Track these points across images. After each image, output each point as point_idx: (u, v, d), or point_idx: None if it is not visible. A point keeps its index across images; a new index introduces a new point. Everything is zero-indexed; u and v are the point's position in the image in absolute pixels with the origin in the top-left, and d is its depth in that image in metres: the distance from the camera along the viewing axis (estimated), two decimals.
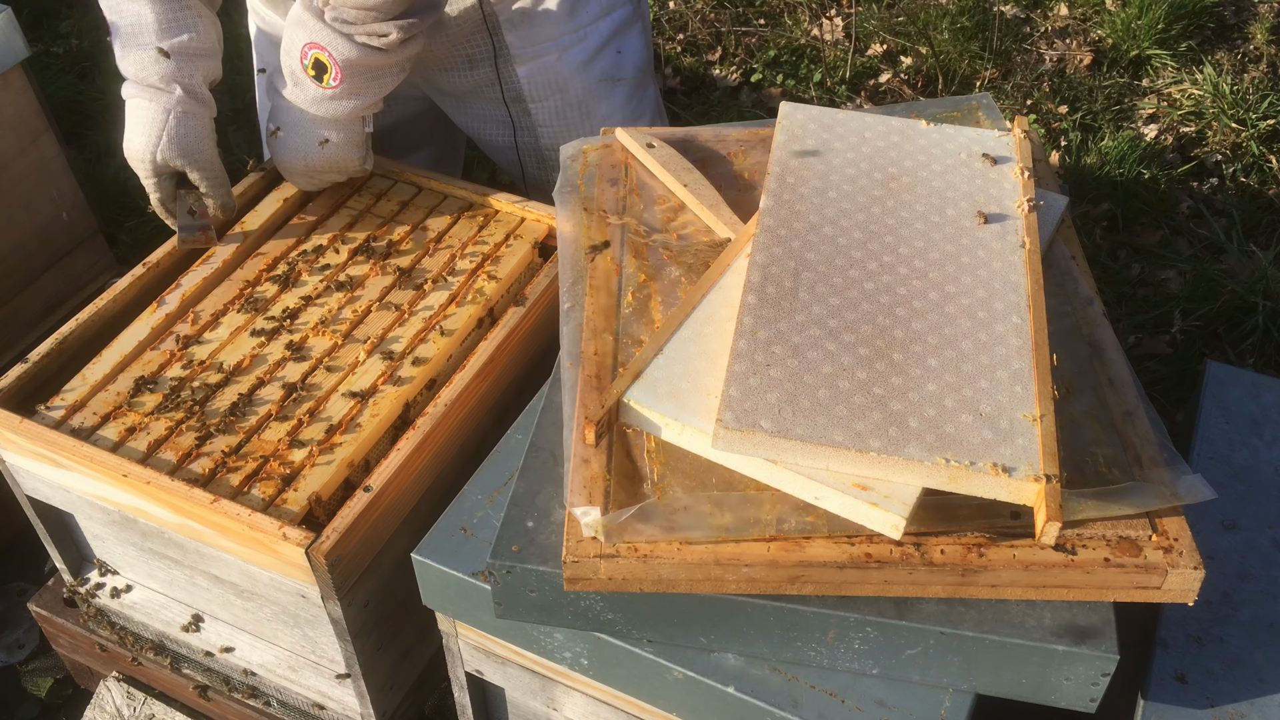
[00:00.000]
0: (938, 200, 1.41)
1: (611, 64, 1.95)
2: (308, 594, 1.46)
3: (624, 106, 2.00)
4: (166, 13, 1.65)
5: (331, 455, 1.49)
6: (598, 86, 1.95)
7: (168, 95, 1.67)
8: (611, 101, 1.97)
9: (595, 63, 1.93)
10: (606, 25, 1.92)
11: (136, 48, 1.66)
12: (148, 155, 1.69)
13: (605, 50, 1.94)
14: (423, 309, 1.69)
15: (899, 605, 1.18)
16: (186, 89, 1.68)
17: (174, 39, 1.66)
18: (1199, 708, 1.21)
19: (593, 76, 1.94)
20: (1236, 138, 3.24)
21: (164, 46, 1.65)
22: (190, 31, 1.67)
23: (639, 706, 1.33)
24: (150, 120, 1.68)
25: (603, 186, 1.55)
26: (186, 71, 1.67)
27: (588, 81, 1.93)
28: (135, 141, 1.69)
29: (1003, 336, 1.23)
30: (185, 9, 1.67)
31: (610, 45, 1.94)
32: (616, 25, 1.94)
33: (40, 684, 2.16)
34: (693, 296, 1.32)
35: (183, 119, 1.68)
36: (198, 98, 1.69)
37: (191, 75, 1.68)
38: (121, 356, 1.62)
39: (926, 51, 3.58)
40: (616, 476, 1.19)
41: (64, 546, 1.76)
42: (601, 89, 1.96)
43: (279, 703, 1.73)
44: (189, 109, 1.68)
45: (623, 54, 1.97)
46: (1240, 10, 3.71)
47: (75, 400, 1.56)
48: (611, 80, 1.96)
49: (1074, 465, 1.18)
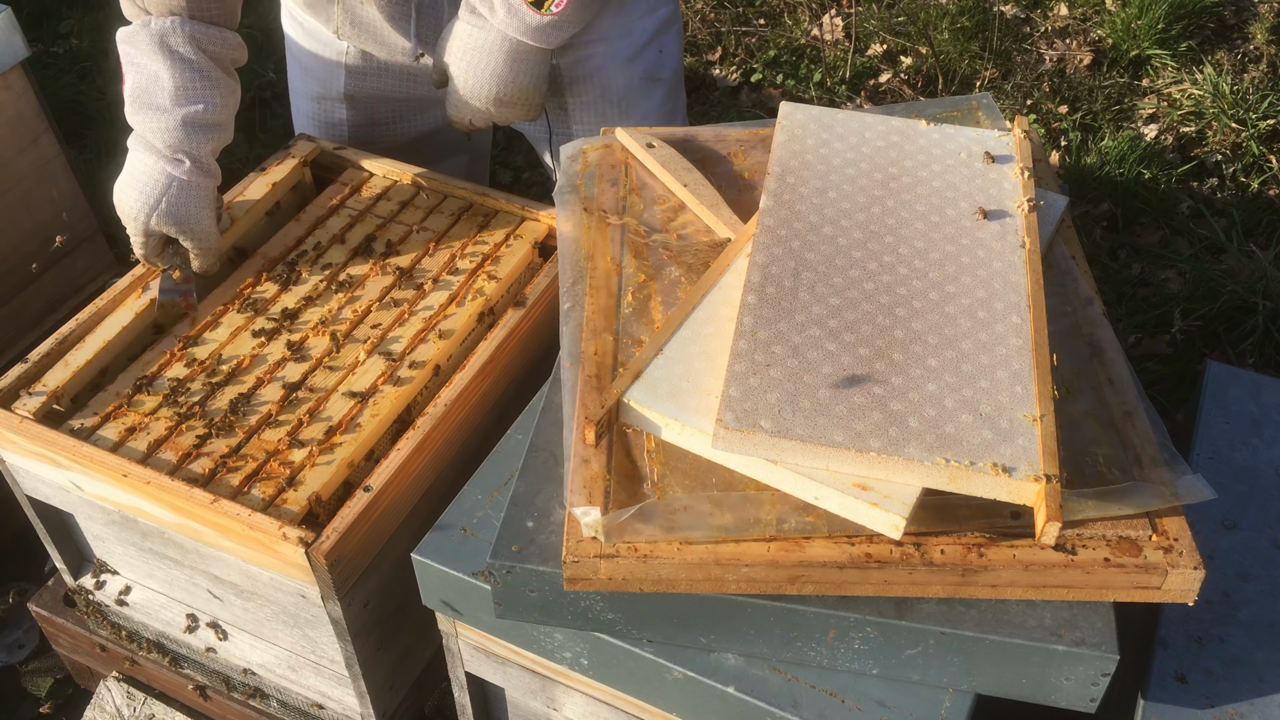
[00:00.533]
0: (938, 200, 1.41)
1: (653, 63, 1.93)
2: (308, 594, 1.46)
3: (661, 107, 1.98)
4: (184, 80, 1.60)
5: (331, 455, 1.49)
6: (640, 85, 1.92)
7: (175, 163, 1.62)
8: (650, 101, 1.95)
9: (638, 60, 1.90)
10: (651, 23, 1.90)
11: (148, 108, 1.61)
12: (141, 217, 1.64)
13: (648, 49, 1.91)
14: (423, 309, 1.69)
15: (899, 605, 1.18)
16: (194, 160, 1.63)
17: (188, 108, 1.60)
18: (1199, 708, 1.21)
19: (635, 74, 1.91)
20: (1236, 138, 3.24)
21: (177, 116, 1.60)
22: (205, 103, 1.61)
23: (639, 706, 1.33)
24: (150, 180, 1.63)
25: (603, 186, 1.55)
26: (196, 142, 1.62)
27: (630, 79, 1.91)
28: (130, 199, 1.64)
29: (1003, 336, 1.23)
30: (204, 78, 1.61)
31: (653, 44, 1.91)
32: (660, 24, 1.91)
33: (40, 684, 2.16)
34: (693, 296, 1.32)
35: (185, 189, 1.63)
36: (203, 170, 1.65)
37: (200, 146, 1.63)
38: (104, 343, 1.62)
39: (926, 51, 3.58)
40: (616, 476, 1.19)
41: (64, 546, 1.76)
42: (643, 88, 1.93)
43: (279, 703, 1.74)
44: (193, 180, 1.64)
45: (664, 54, 1.95)
46: (1240, 10, 3.71)
47: (57, 386, 1.57)
48: (652, 79, 1.94)
49: (1074, 465, 1.18)
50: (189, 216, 1.65)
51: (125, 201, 1.65)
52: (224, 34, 1.64)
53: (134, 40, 1.60)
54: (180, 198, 1.64)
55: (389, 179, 1.92)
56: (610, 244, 1.45)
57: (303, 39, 1.98)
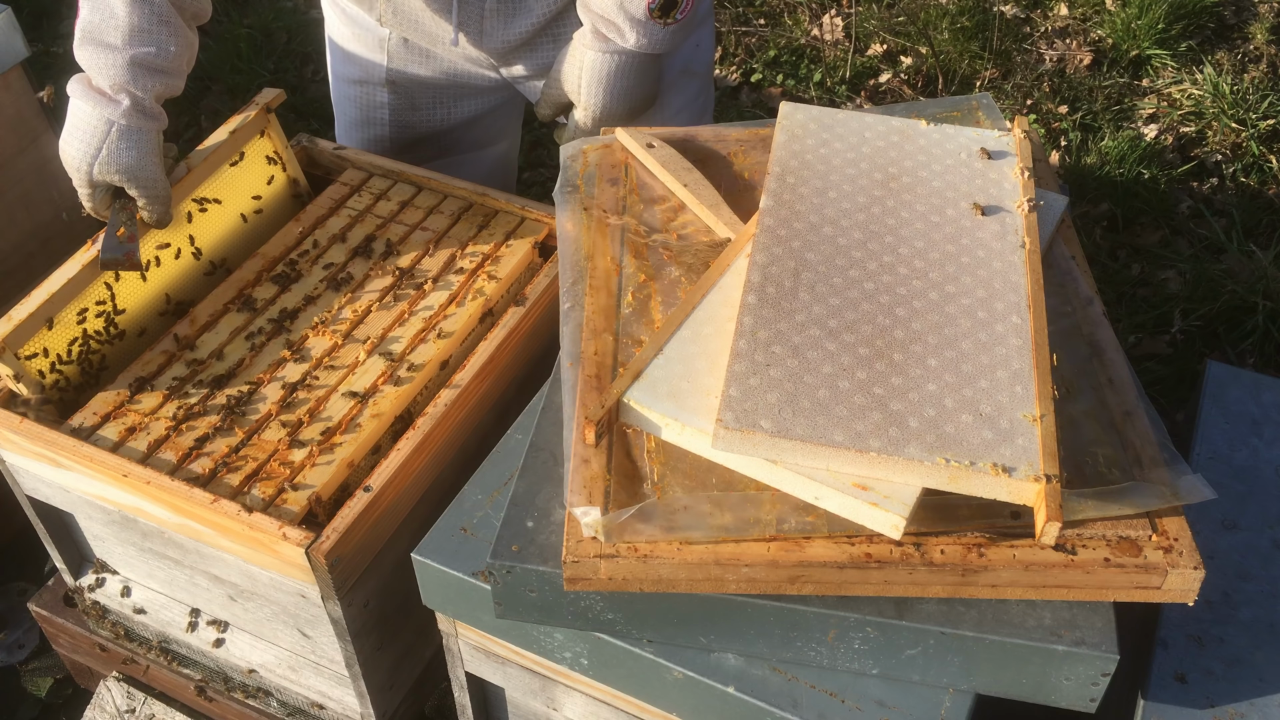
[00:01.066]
0: (938, 200, 1.41)
1: (690, 56, 1.94)
2: (308, 594, 1.46)
3: (694, 101, 1.98)
4: (142, 20, 1.54)
5: (331, 455, 1.49)
6: (677, 78, 1.93)
7: (113, 105, 1.55)
8: (685, 94, 1.96)
9: (677, 55, 1.90)
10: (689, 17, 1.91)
11: (96, 44, 1.54)
12: (84, 166, 1.58)
13: (686, 43, 1.91)
14: (423, 309, 1.69)
15: (899, 605, 1.18)
16: (135, 101, 1.56)
17: (139, 49, 1.54)
18: (1199, 708, 1.21)
19: (673, 67, 1.91)
20: (1236, 138, 3.24)
21: (126, 55, 1.53)
22: (158, 47, 1.55)
23: (639, 706, 1.33)
24: (90, 129, 1.56)
25: (603, 186, 1.55)
26: (141, 83, 1.55)
27: (668, 71, 1.91)
28: (72, 148, 1.58)
29: (1003, 336, 1.23)
30: (163, 23, 1.56)
31: (691, 38, 1.91)
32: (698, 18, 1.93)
33: (40, 684, 2.16)
34: (693, 296, 1.32)
35: (125, 133, 1.56)
36: (145, 111, 1.57)
37: (145, 88, 1.56)
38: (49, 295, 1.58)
39: (926, 51, 3.58)
40: (616, 476, 1.19)
41: (64, 546, 1.76)
42: (680, 81, 1.93)
43: (279, 702, 1.74)
44: (134, 123, 1.56)
45: (700, 48, 1.96)
46: (1240, 10, 3.71)
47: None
48: (689, 73, 1.94)
49: (1074, 465, 1.18)
50: (132, 163, 1.58)
51: (67, 152, 1.59)
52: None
53: None
54: (121, 144, 1.57)
55: (389, 179, 1.92)
56: (610, 244, 1.45)
57: (345, 24, 1.99)
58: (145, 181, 1.61)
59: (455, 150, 2.05)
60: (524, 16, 1.83)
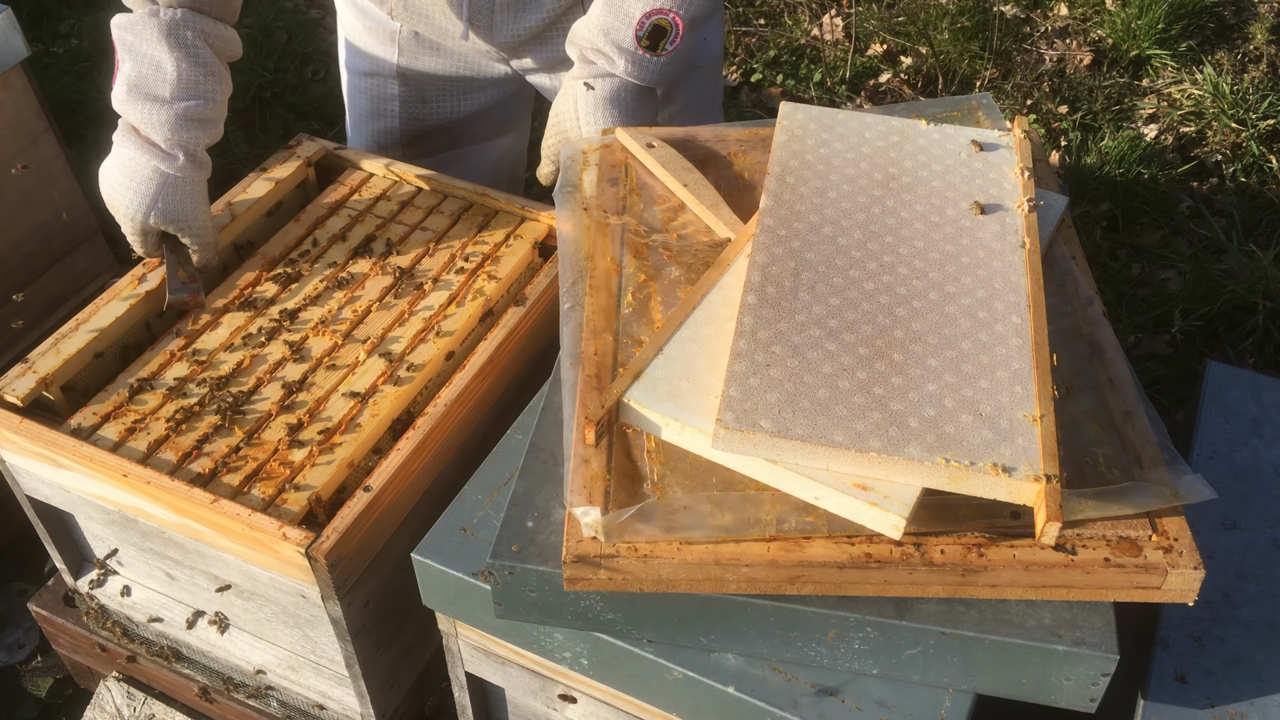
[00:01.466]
0: (938, 200, 1.41)
1: (698, 50, 1.93)
2: (308, 594, 1.46)
3: (701, 93, 1.98)
4: (188, 72, 1.58)
5: (331, 455, 1.49)
6: (683, 72, 1.91)
7: (167, 159, 1.61)
8: (691, 88, 1.96)
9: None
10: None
11: (146, 99, 1.59)
12: (137, 216, 1.63)
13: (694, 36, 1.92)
14: (423, 309, 1.69)
15: (899, 605, 1.18)
16: (189, 155, 1.61)
17: (189, 102, 1.59)
18: (1199, 708, 1.21)
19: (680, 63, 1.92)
20: (1236, 138, 3.24)
21: (178, 109, 1.58)
22: (205, 99, 1.60)
23: (639, 706, 1.33)
24: (144, 179, 1.61)
25: (603, 186, 1.55)
26: (193, 137, 1.61)
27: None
28: (123, 198, 1.63)
29: (1003, 336, 1.23)
30: (208, 74, 1.60)
31: (699, 32, 1.93)
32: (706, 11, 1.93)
33: (40, 684, 2.16)
34: (693, 296, 1.32)
35: (179, 185, 1.62)
36: (197, 164, 1.63)
37: (196, 141, 1.61)
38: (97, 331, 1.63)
39: (926, 51, 3.58)
40: (616, 476, 1.19)
41: (64, 546, 1.76)
42: (686, 75, 1.93)
43: (279, 703, 1.74)
44: (187, 175, 1.62)
45: (707, 41, 1.96)
46: (1240, 10, 3.71)
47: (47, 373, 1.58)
48: (694, 67, 1.94)
49: (1074, 465, 1.18)
50: (185, 213, 1.65)
51: (119, 200, 1.64)
52: (227, 30, 1.64)
53: (137, 29, 1.58)
54: (175, 195, 1.63)
55: (389, 179, 1.92)
56: (610, 244, 1.45)
57: (356, 17, 2.01)
58: (197, 230, 1.68)
59: (465, 141, 2.06)
60: (534, 11, 1.83)
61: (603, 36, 1.63)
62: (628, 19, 1.61)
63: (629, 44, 1.62)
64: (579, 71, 1.68)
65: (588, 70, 1.67)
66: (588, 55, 1.66)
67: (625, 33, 1.61)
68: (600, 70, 1.66)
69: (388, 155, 2.05)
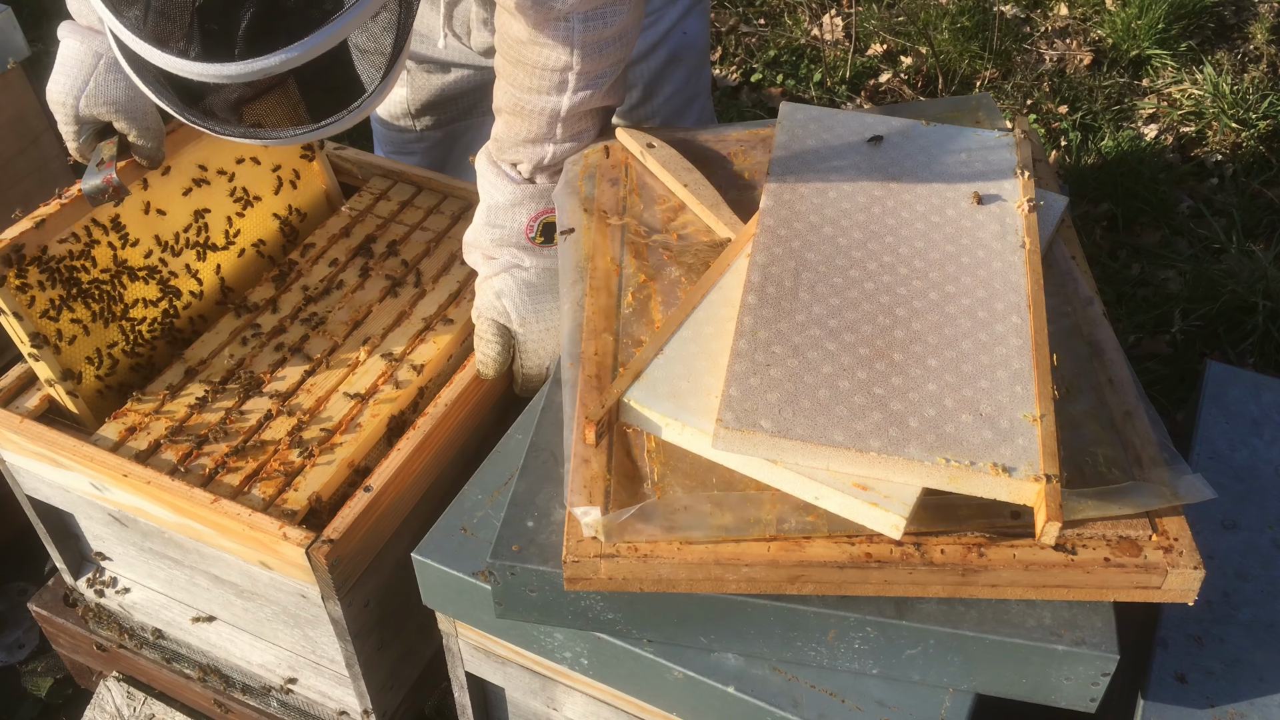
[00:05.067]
0: (937, 200, 1.41)
1: (678, 45, 1.93)
2: (308, 594, 1.46)
3: (684, 87, 1.97)
4: None
5: (332, 455, 1.49)
6: (663, 68, 1.92)
7: (102, 38, 1.46)
8: (673, 82, 1.95)
9: (663, 45, 1.90)
10: (675, 10, 1.90)
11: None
12: (69, 100, 1.49)
13: (673, 32, 1.91)
14: (423, 309, 1.69)
15: (899, 605, 1.18)
16: None
17: None
18: (1199, 708, 1.21)
19: (659, 59, 1.91)
20: (1236, 138, 3.24)
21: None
22: None
23: (639, 706, 1.33)
24: (77, 63, 1.48)
25: (603, 186, 1.54)
26: None
27: (654, 64, 1.91)
28: (57, 85, 1.50)
29: (1003, 336, 1.23)
30: None
31: (677, 27, 1.91)
32: (685, 9, 1.92)
33: (40, 684, 2.16)
34: (693, 296, 1.32)
35: (114, 65, 1.46)
36: None
37: None
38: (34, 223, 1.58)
39: (926, 51, 3.58)
40: (616, 476, 1.19)
41: (64, 546, 1.76)
42: (666, 71, 1.93)
43: (279, 703, 1.73)
44: None
45: (687, 35, 1.95)
46: (1240, 10, 3.71)
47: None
48: (676, 61, 1.94)
49: (1074, 465, 1.18)
50: (121, 95, 1.51)
51: (53, 89, 1.52)
52: None
53: None
54: (110, 75, 1.50)
55: (389, 179, 1.92)
56: (610, 244, 1.45)
57: None
58: (136, 113, 1.54)
59: (475, 113, 2.02)
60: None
61: (498, 247, 1.58)
62: (517, 226, 1.57)
63: (525, 244, 1.57)
64: (486, 271, 1.60)
65: (492, 267, 1.59)
66: (490, 253, 1.60)
67: (518, 238, 1.57)
68: (506, 264, 1.59)
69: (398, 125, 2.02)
